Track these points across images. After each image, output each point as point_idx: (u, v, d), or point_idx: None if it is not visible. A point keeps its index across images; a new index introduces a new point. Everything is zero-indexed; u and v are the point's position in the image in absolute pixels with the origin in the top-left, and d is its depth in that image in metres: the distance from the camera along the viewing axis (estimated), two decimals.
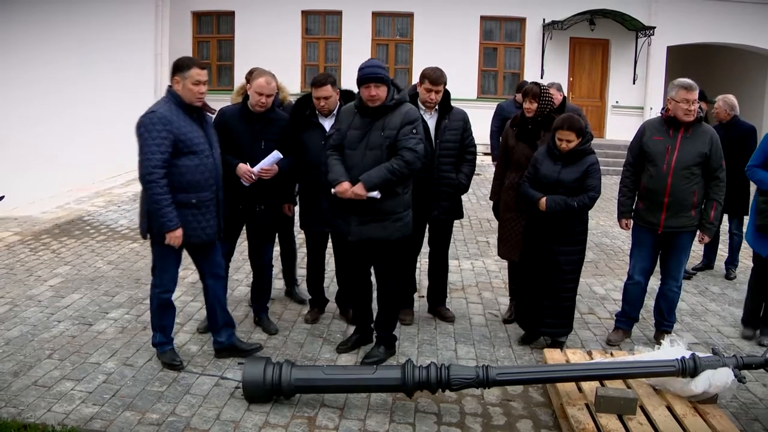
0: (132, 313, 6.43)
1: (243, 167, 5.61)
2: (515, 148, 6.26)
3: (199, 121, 5.10)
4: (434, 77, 5.91)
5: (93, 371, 5.17)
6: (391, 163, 5.19)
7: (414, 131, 5.26)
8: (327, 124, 5.90)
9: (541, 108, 6.16)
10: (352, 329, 6.02)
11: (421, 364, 4.77)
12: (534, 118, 6.19)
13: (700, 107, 5.88)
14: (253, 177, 5.62)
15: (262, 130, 5.73)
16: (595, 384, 4.66)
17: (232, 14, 19.86)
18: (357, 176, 5.18)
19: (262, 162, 5.62)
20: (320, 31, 20.12)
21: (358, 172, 5.20)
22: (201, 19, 20.35)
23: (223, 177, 5.51)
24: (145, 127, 4.90)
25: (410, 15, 19.64)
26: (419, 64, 18.39)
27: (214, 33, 20.39)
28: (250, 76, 6.69)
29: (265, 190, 5.77)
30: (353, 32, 19.60)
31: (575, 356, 5.21)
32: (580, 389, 4.72)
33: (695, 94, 5.63)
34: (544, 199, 5.61)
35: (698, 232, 5.91)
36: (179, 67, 5.02)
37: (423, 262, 7.13)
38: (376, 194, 5.18)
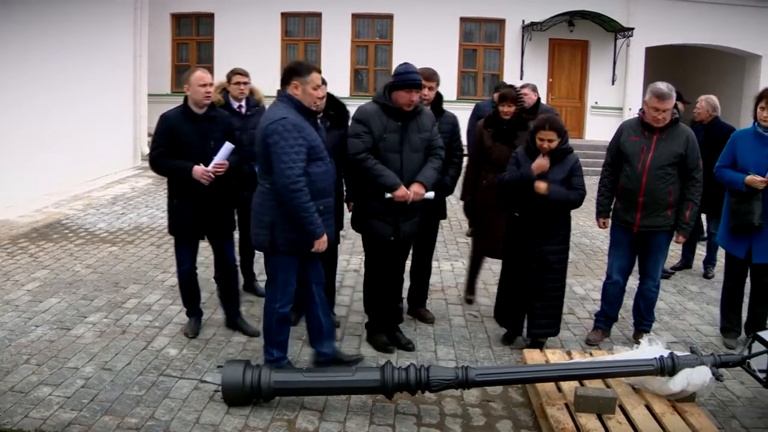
0: (111, 317, 6.38)
1: (198, 169, 5.54)
2: (493, 149, 6.43)
3: (315, 126, 4.99)
4: (428, 73, 6.08)
5: (71, 376, 5.12)
6: (434, 162, 5.60)
7: (438, 131, 5.74)
8: None
9: (518, 110, 6.44)
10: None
11: (400, 365, 4.77)
12: (509, 120, 6.43)
13: (676, 107, 5.91)
14: (212, 176, 5.59)
15: (208, 129, 5.69)
16: (575, 384, 4.68)
17: (211, 16, 19.80)
18: (407, 178, 5.43)
19: (217, 157, 5.59)
20: (300, 33, 20.08)
21: (407, 174, 5.44)
22: (180, 21, 20.26)
23: (180, 182, 5.57)
24: (280, 135, 4.68)
25: (390, 16, 19.65)
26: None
27: (193, 35, 20.30)
28: (232, 75, 6.75)
29: (217, 190, 5.71)
30: (333, 34, 19.58)
31: (555, 356, 5.23)
32: (559, 389, 4.74)
33: (668, 104, 5.65)
34: (544, 184, 5.56)
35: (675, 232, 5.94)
36: (298, 71, 4.87)
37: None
38: (431, 194, 5.53)
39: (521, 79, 18.15)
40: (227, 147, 5.64)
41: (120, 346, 5.72)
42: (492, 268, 7.35)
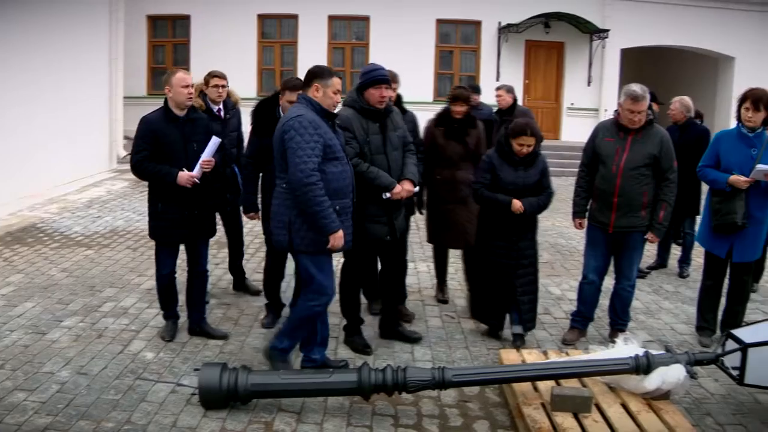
0: (86, 320, 6.34)
1: (184, 175, 5.49)
2: (446, 147, 6.69)
3: (333, 128, 5.01)
4: (390, 75, 6.08)
5: (46, 381, 5.08)
6: (412, 158, 5.81)
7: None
8: None
9: (468, 109, 6.79)
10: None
11: (377, 366, 4.78)
12: (461, 119, 6.71)
13: (650, 108, 5.97)
14: (197, 180, 5.55)
15: (191, 132, 5.65)
16: (551, 383, 4.70)
17: (187, 18, 19.69)
18: (394, 177, 5.58)
19: (204, 154, 5.57)
20: (276, 35, 20.07)
21: (393, 173, 5.58)
22: (156, 23, 20.14)
23: (163, 187, 5.53)
24: (296, 131, 4.74)
25: (366, 18, 19.67)
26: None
27: (169, 37, 20.21)
28: (210, 78, 6.75)
29: (201, 193, 5.69)
30: (309, 36, 19.57)
31: (531, 356, 5.26)
32: (536, 389, 4.76)
33: (642, 106, 5.71)
34: (519, 203, 5.79)
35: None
36: (319, 74, 4.96)
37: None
38: (417, 189, 5.82)
39: (497, 80, 18.23)
40: (214, 142, 5.62)
41: (96, 350, 5.68)
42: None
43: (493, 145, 6.27)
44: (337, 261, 5.66)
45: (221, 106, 6.82)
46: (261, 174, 6.18)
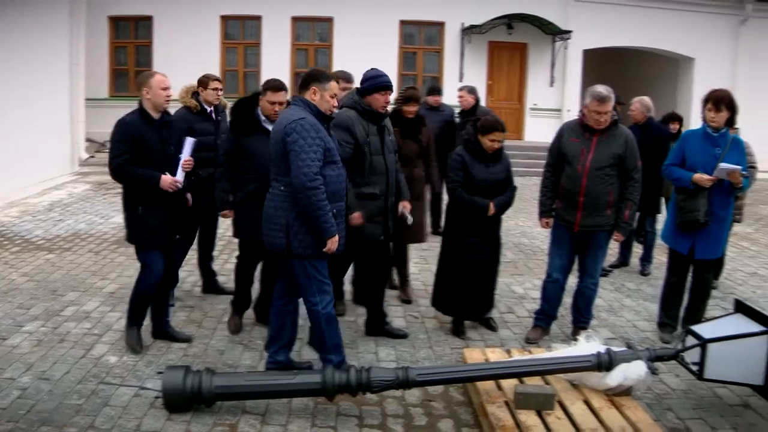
0: (48, 325, 6.26)
1: (167, 179, 5.43)
2: (403, 146, 6.84)
3: (328, 131, 4.99)
4: (348, 75, 6.51)
5: (7, 387, 5.01)
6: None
7: None
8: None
9: (418, 109, 7.13)
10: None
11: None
12: (413, 118, 7.01)
13: (615, 109, 6.06)
14: (179, 185, 5.49)
15: (167, 135, 5.59)
16: (514, 381, 4.75)
17: (150, 19, 19.48)
18: (391, 179, 5.86)
19: (183, 154, 5.54)
20: (240, 36, 19.96)
21: (391, 175, 5.85)
22: (118, 24, 19.88)
23: (143, 190, 5.44)
24: (299, 134, 4.71)
25: (330, 20, 19.64)
26: (339, 69, 18.43)
27: (131, 38, 19.97)
28: (209, 80, 6.78)
29: (181, 192, 5.63)
30: (273, 37, 19.49)
31: (494, 355, 5.30)
32: (499, 387, 4.80)
33: (608, 106, 5.80)
34: (492, 205, 6.07)
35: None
36: (318, 78, 4.96)
37: None
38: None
39: (461, 81, 18.31)
40: (189, 142, 5.59)
41: (58, 354, 5.62)
42: (432, 269, 7.34)
43: (455, 146, 6.37)
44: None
45: (212, 108, 6.88)
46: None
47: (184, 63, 16.64)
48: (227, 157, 6.09)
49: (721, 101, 5.93)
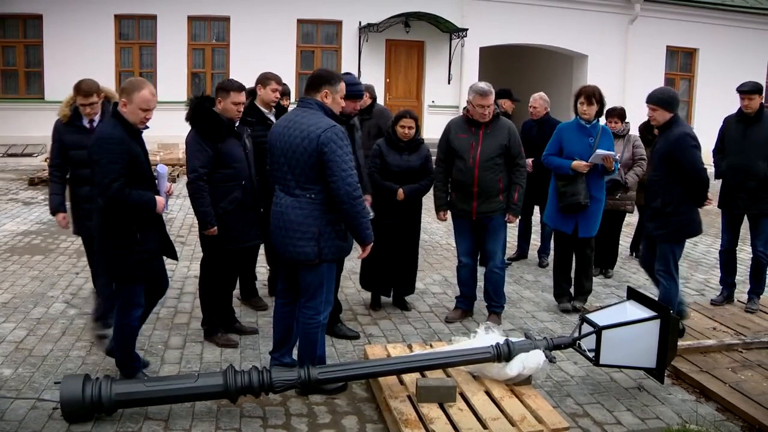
0: None
1: (161, 200, 4.91)
2: None
3: None
4: (279, 78, 6.55)
5: None
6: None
7: None
8: None
9: None
10: (175, 340, 5.89)
11: (243, 368, 4.71)
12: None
13: (496, 104, 6.55)
14: (166, 209, 5.04)
15: (145, 149, 4.94)
16: (416, 375, 4.78)
17: (39, 18, 18.66)
18: (365, 175, 6.12)
19: (163, 182, 5.05)
20: (135, 36, 19.41)
21: (363, 171, 6.08)
22: (5, 22, 19.00)
23: (142, 216, 4.82)
24: (336, 143, 4.59)
25: (227, 19, 19.34)
26: (236, 69, 18.28)
27: (20, 37, 19.07)
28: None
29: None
30: (169, 37, 19.03)
31: (396, 350, 5.33)
32: (401, 382, 4.82)
33: (489, 100, 6.24)
34: (401, 191, 6.59)
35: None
36: (329, 80, 4.83)
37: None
38: None
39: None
40: (164, 169, 5.14)
41: None
42: None
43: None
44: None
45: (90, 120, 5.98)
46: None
47: (77, 63, 16.15)
48: (205, 170, 5.60)
49: (592, 95, 6.73)
